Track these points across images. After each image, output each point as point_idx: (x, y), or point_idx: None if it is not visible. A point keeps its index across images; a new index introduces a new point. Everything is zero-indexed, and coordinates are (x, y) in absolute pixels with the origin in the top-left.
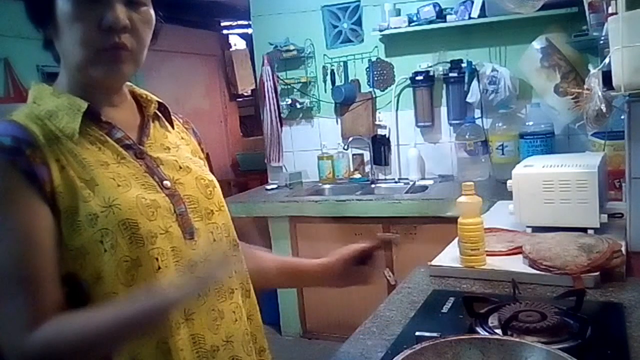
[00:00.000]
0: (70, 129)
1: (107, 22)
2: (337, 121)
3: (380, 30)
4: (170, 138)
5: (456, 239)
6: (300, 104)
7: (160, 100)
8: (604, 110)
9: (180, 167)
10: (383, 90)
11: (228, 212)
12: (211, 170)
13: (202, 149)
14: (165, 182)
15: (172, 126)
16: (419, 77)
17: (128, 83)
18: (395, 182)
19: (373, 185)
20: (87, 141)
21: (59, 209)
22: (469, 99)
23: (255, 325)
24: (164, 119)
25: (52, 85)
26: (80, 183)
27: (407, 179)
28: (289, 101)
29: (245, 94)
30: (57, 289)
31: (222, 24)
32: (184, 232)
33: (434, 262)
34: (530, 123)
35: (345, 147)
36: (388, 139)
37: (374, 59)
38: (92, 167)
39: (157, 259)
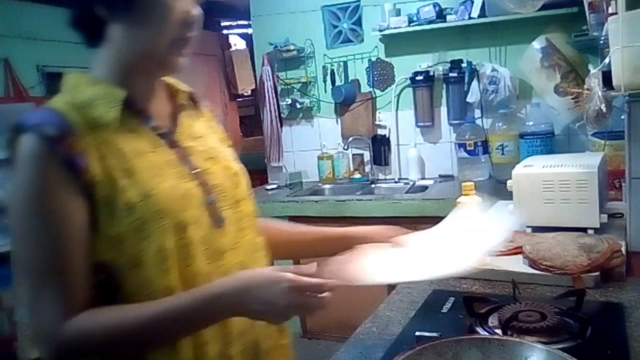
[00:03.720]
0: (109, 117)
1: (191, 17)
2: (337, 121)
3: (380, 30)
4: (198, 127)
5: None
6: (300, 104)
7: (191, 90)
8: (604, 110)
9: (209, 157)
10: (383, 90)
11: (254, 200)
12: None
13: (227, 138)
14: (196, 171)
15: (200, 116)
16: (419, 77)
17: None
18: (395, 182)
19: (373, 185)
20: (124, 130)
21: (97, 198)
22: (469, 99)
23: None
24: (192, 108)
25: (88, 73)
26: (119, 172)
27: (407, 179)
28: (289, 101)
29: (245, 94)
30: (87, 281)
31: (222, 24)
32: (213, 221)
33: None
34: (530, 123)
35: (345, 147)
36: (388, 139)
37: (374, 59)
38: (129, 156)
39: (188, 247)
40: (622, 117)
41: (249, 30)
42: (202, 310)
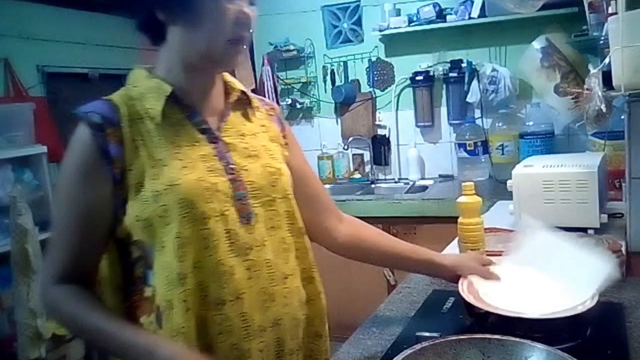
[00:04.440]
0: (154, 111)
1: (243, 18)
2: (337, 121)
3: (380, 30)
4: (249, 125)
5: (456, 239)
6: (300, 104)
7: (244, 89)
8: (604, 110)
9: (250, 155)
10: (383, 90)
11: (294, 201)
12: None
13: (284, 136)
14: (230, 167)
15: (254, 114)
16: (419, 77)
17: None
18: (395, 182)
19: (373, 185)
20: (168, 122)
21: (129, 184)
22: (469, 99)
23: (316, 309)
24: (246, 107)
25: (150, 69)
26: (151, 162)
27: (407, 179)
28: (289, 101)
29: None
30: (94, 257)
31: None
32: (240, 216)
33: None
34: (530, 123)
35: (345, 147)
36: (388, 139)
37: (374, 59)
38: (166, 148)
39: (207, 239)
40: (622, 117)
41: None
42: (126, 350)
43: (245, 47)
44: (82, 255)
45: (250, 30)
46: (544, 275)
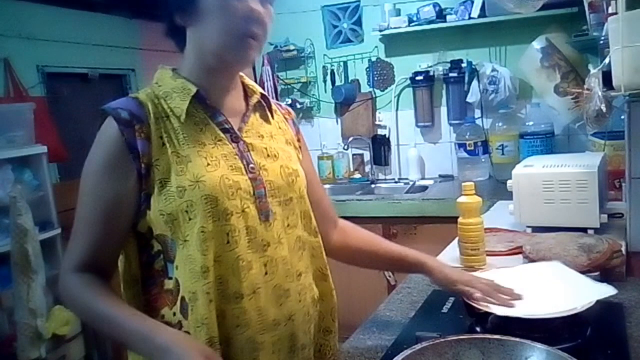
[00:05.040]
0: (179, 110)
1: (250, 13)
2: (337, 121)
3: (380, 30)
4: (268, 127)
5: (456, 239)
6: (300, 104)
7: (263, 93)
8: (604, 110)
9: (269, 155)
10: (383, 90)
11: (308, 202)
12: (300, 161)
13: (298, 139)
14: (251, 166)
15: (272, 117)
16: (419, 77)
17: (241, 73)
18: (395, 182)
19: (373, 185)
20: (192, 121)
21: (154, 179)
22: (469, 99)
23: (328, 306)
24: (265, 109)
25: (174, 69)
26: (177, 159)
27: (407, 179)
28: (289, 101)
29: None
30: (114, 250)
31: None
32: (259, 214)
33: None
34: (530, 123)
35: (345, 147)
36: (388, 139)
37: (374, 59)
38: (190, 146)
39: (228, 234)
40: (622, 117)
41: None
42: (129, 336)
43: (258, 43)
44: (102, 246)
45: (265, 28)
46: (544, 278)
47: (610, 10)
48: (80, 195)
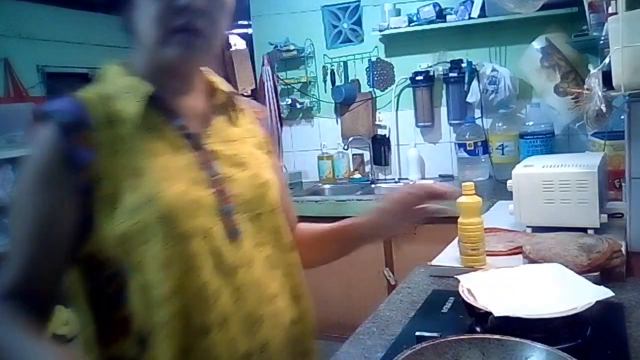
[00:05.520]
0: (130, 113)
1: (180, 2)
2: (337, 121)
3: (380, 30)
4: (235, 130)
5: (456, 239)
6: (300, 104)
7: (231, 90)
8: (604, 110)
9: (237, 163)
10: (383, 90)
11: (282, 214)
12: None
13: (268, 142)
14: (216, 178)
15: (239, 117)
16: (419, 77)
17: (204, 68)
18: (395, 182)
19: (373, 185)
20: (146, 127)
21: (100, 195)
22: (469, 99)
23: (306, 328)
24: (232, 110)
25: (125, 66)
26: (128, 171)
27: (407, 179)
28: (289, 101)
29: (245, 94)
30: (51, 279)
31: None
32: (227, 233)
33: (434, 262)
34: (530, 123)
35: (345, 147)
36: (388, 139)
37: (374, 59)
38: (144, 156)
39: (191, 258)
40: (622, 117)
41: (249, 30)
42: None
43: (199, 38)
44: (37, 272)
45: (208, 19)
46: (544, 279)
47: (610, 10)
48: (13, 213)
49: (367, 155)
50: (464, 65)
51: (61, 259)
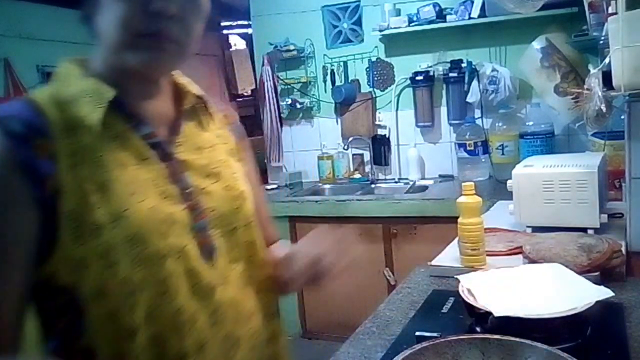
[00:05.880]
0: (92, 119)
1: (155, 6)
2: (337, 121)
3: (380, 30)
4: (207, 136)
5: (456, 239)
6: (300, 104)
7: (201, 93)
8: (604, 110)
9: (210, 174)
10: (383, 90)
11: (256, 228)
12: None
13: (240, 149)
14: (188, 191)
15: (210, 122)
16: (419, 77)
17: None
18: (395, 182)
19: (373, 185)
20: (109, 135)
21: (61, 211)
22: (469, 99)
23: (280, 346)
24: (202, 114)
25: (84, 65)
26: (91, 186)
27: (407, 179)
28: (289, 101)
29: (245, 94)
30: (12, 310)
31: (222, 24)
32: (201, 252)
33: (434, 262)
34: (530, 123)
35: (345, 147)
36: (388, 139)
37: (374, 59)
38: (108, 168)
39: (164, 282)
40: (622, 117)
41: (249, 30)
42: None
43: (172, 44)
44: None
45: (181, 24)
46: (544, 279)
47: (610, 10)
48: None
49: (367, 155)
50: (464, 65)
51: (19, 285)
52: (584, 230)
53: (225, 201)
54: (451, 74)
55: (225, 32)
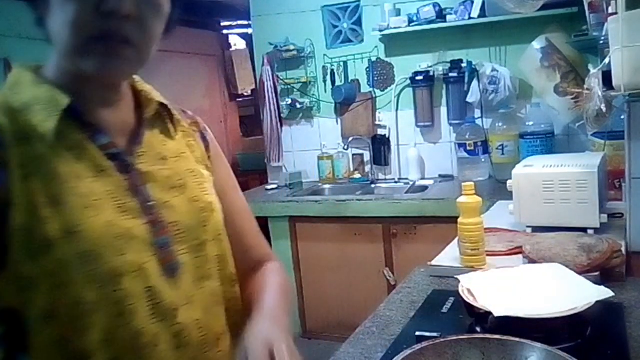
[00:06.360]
0: (45, 128)
1: (107, 6)
2: (337, 121)
3: (380, 30)
4: (171, 145)
5: (456, 239)
6: (300, 104)
7: (163, 101)
8: (604, 110)
9: (174, 186)
10: (383, 90)
11: (226, 241)
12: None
13: (209, 156)
14: (149, 204)
15: (176, 129)
16: (419, 77)
17: (134, 77)
18: (395, 182)
19: (373, 185)
20: (64, 145)
21: (11, 225)
22: (469, 99)
23: None
24: (166, 122)
25: (37, 71)
26: (43, 199)
27: (407, 179)
28: (289, 101)
29: (245, 94)
30: None
31: (222, 24)
32: (163, 269)
33: (434, 262)
34: (530, 123)
35: (345, 147)
36: (388, 139)
37: (374, 59)
38: (62, 180)
39: (120, 302)
40: (622, 117)
41: (249, 30)
42: None
43: (130, 48)
44: None
45: (139, 27)
46: (544, 279)
47: (610, 10)
48: None
49: (367, 155)
50: (464, 65)
51: None
52: (584, 230)
53: (191, 214)
54: (451, 74)
55: (225, 32)
